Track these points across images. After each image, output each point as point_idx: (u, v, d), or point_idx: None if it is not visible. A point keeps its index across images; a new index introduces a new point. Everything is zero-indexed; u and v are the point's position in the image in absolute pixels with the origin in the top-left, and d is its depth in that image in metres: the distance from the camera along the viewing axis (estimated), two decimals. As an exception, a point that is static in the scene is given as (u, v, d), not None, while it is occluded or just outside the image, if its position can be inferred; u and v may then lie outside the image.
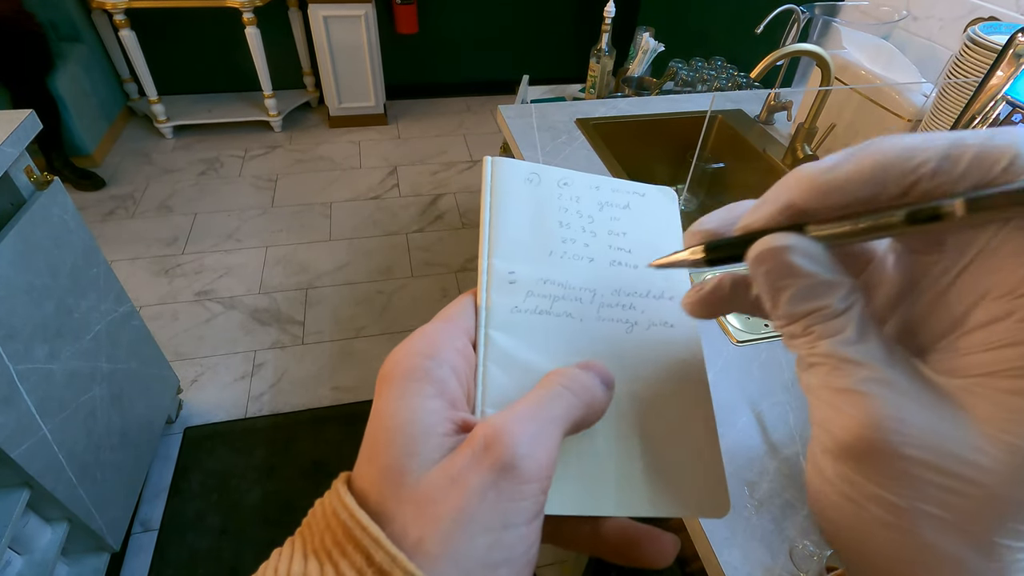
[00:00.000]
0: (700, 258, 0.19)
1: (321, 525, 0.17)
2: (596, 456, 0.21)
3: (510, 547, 0.16)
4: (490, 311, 0.23)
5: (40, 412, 0.97)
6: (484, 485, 0.16)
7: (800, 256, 0.15)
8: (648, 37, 1.59)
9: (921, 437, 0.14)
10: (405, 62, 3.07)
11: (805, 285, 0.16)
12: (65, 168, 2.32)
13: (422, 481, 0.17)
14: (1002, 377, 0.14)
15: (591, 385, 0.20)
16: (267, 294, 2.00)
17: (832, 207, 0.15)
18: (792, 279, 0.16)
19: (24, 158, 1.00)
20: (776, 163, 1.10)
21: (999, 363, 0.14)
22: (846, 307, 0.16)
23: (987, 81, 0.61)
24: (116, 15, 2.37)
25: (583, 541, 0.23)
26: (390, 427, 0.17)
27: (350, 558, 0.16)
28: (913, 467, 0.14)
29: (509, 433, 0.17)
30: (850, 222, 0.15)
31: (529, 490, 0.17)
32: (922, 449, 0.14)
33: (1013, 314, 0.13)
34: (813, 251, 0.16)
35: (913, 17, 1.10)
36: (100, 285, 1.19)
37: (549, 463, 0.17)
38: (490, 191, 0.25)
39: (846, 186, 0.15)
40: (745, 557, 0.52)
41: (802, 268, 0.16)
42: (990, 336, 0.14)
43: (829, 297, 0.16)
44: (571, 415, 0.19)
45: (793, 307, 0.16)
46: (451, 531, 0.16)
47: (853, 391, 0.15)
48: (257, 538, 1.35)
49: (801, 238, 0.16)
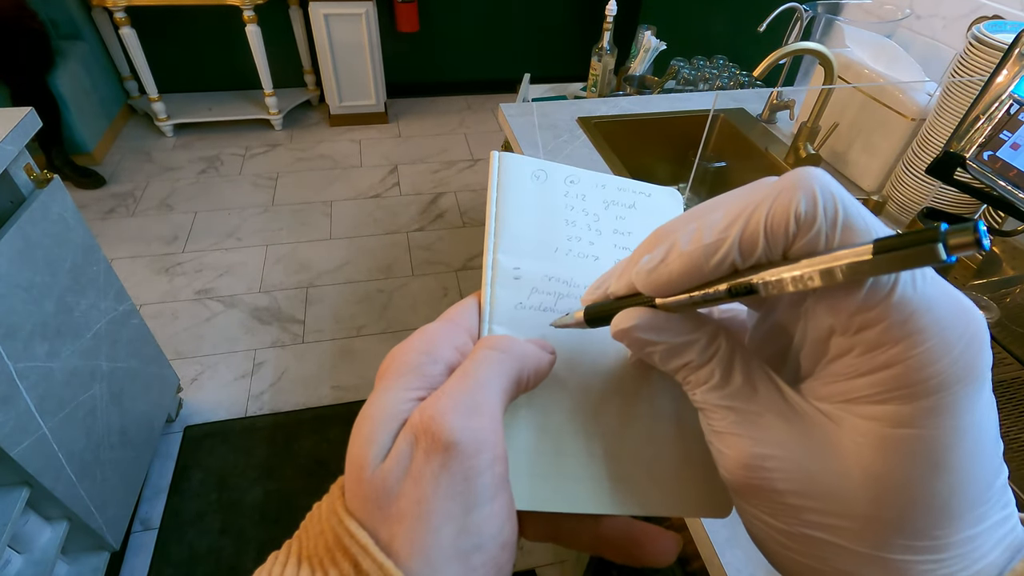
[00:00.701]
0: (583, 321, 0.21)
1: (315, 530, 0.17)
2: (597, 455, 0.21)
3: (477, 531, 0.16)
4: (494, 306, 0.23)
5: (40, 411, 0.97)
6: (435, 472, 0.16)
7: (645, 331, 0.17)
8: (650, 35, 1.59)
9: (790, 470, 0.15)
10: (406, 60, 3.07)
11: (663, 349, 0.17)
12: (65, 166, 2.32)
13: (378, 473, 0.16)
14: (857, 404, 0.15)
15: (514, 340, 0.20)
16: (267, 293, 2.00)
17: (667, 293, 0.17)
18: (651, 347, 0.17)
19: (24, 156, 1.00)
20: (778, 162, 1.09)
21: (853, 391, 0.15)
22: (708, 358, 0.17)
23: (992, 80, 0.61)
24: (116, 13, 2.37)
25: (584, 540, 0.22)
26: (361, 416, 0.18)
27: (339, 566, 0.16)
28: (788, 498, 0.16)
29: (441, 412, 0.17)
30: (688, 296, 0.16)
31: (481, 463, 0.16)
32: (793, 482, 0.15)
33: (854, 349, 0.14)
34: (658, 322, 0.17)
35: (916, 15, 1.10)
36: (100, 283, 1.18)
37: (492, 429, 0.17)
38: (496, 186, 0.25)
39: (669, 284, 0.16)
40: (748, 558, 0.52)
41: (651, 339, 0.17)
42: (843, 368, 0.15)
43: (689, 354, 0.17)
44: (505, 373, 0.19)
45: (664, 365, 0.18)
46: (414, 527, 0.16)
47: (727, 433, 0.17)
48: (257, 537, 1.35)
49: (644, 315, 0.17)
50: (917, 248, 0.12)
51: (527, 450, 0.21)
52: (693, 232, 0.16)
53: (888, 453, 0.14)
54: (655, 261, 0.16)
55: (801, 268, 0.14)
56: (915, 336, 0.14)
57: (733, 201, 0.16)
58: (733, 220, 0.15)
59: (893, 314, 0.14)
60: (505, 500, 0.17)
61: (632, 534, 0.22)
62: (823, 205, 0.14)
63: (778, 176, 0.15)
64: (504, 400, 0.18)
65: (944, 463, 0.14)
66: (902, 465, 0.14)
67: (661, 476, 0.21)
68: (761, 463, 0.16)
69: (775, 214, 0.14)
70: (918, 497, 0.14)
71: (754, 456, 0.16)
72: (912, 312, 0.14)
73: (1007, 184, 0.59)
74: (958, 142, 0.63)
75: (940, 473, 0.14)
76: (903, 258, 0.12)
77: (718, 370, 0.17)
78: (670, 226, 0.17)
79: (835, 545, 0.15)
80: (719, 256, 0.15)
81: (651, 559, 0.22)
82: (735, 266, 0.15)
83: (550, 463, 0.21)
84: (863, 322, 0.14)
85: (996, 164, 0.60)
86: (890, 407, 0.14)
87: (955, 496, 0.14)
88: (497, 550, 0.17)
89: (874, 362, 0.14)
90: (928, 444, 0.14)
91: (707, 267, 0.15)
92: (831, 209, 0.14)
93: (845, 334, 0.14)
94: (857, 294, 0.14)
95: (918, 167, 0.87)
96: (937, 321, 0.14)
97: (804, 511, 0.15)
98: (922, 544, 0.14)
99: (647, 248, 0.18)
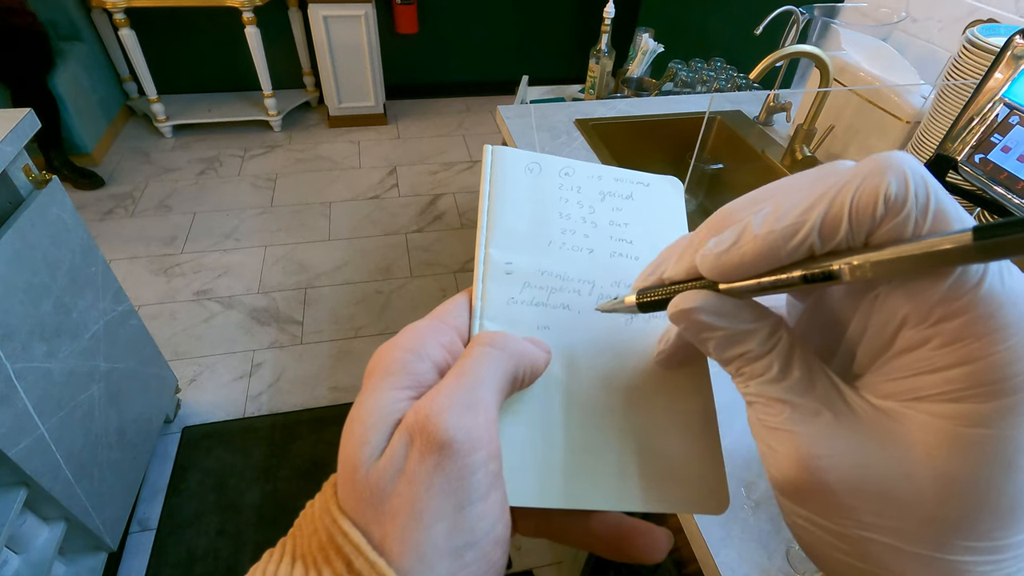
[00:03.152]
0: (635, 305, 0.20)
1: (309, 529, 0.17)
2: (591, 450, 0.21)
3: (470, 529, 0.16)
4: (485, 302, 0.22)
5: (38, 411, 0.97)
6: (428, 471, 0.16)
7: (708, 314, 0.16)
8: (648, 38, 1.59)
9: (849, 469, 0.15)
10: (405, 62, 3.07)
11: (722, 336, 0.17)
12: (64, 167, 2.32)
13: (372, 472, 0.16)
14: (927, 402, 0.14)
15: (511, 337, 0.20)
16: (266, 294, 2.00)
17: (736, 277, 0.16)
18: (709, 332, 0.17)
19: (23, 156, 1.00)
20: (775, 164, 1.10)
21: (923, 389, 0.14)
22: (768, 349, 0.16)
23: (985, 83, 0.61)
24: (116, 14, 2.37)
25: (574, 536, 0.22)
26: (352, 417, 0.18)
27: (332, 565, 0.16)
28: (846, 498, 0.15)
29: (436, 411, 0.17)
30: (756, 282, 0.16)
31: (475, 462, 0.16)
32: (849, 482, 0.15)
33: (930, 341, 0.14)
34: (722, 307, 0.16)
35: (912, 19, 1.10)
36: (98, 284, 1.19)
37: (487, 427, 0.17)
38: (489, 180, 0.25)
39: (741, 267, 0.15)
40: (741, 558, 0.52)
41: (713, 324, 0.16)
42: (912, 362, 0.14)
43: (749, 343, 0.16)
44: (501, 371, 0.19)
45: (719, 354, 0.17)
46: (407, 525, 0.16)
47: (781, 430, 0.16)
48: (255, 538, 1.35)
49: (708, 297, 0.17)
50: (1021, 235, 0.11)
51: (524, 446, 0.21)
52: (769, 213, 0.15)
53: (960, 453, 0.14)
54: (726, 243, 0.16)
55: (891, 253, 0.13)
56: (1000, 332, 0.13)
57: (808, 184, 0.15)
58: (814, 203, 0.14)
59: (980, 307, 0.13)
60: (498, 497, 0.17)
61: (623, 530, 0.22)
62: (915, 189, 0.13)
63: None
64: (500, 397, 0.18)
65: (1016, 464, 0.13)
66: (974, 465, 0.14)
67: (658, 471, 0.21)
68: (817, 462, 0.15)
69: (862, 195, 0.13)
70: (987, 498, 0.14)
71: (810, 455, 0.15)
72: (1000, 306, 0.13)
73: (998, 187, 0.59)
74: (950, 144, 0.63)
75: (1012, 474, 0.13)
76: (1007, 244, 0.12)
77: (777, 362, 0.16)
78: (736, 206, 0.17)
79: (891, 547, 0.15)
80: (798, 239, 0.14)
81: (642, 555, 0.22)
82: (812, 251, 0.14)
83: (550, 459, 0.21)
84: (945, 313, 0.13)
85: (987, 167, 0.60)
86: (965, 405, 0.13)
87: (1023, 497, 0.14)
88: (490, 546, 0.17)
89: (952, 357, 0.13)
90: (1004, 445, 0.13)
91: (784, 251, 0.15)
92: (923, 193, 0.13)
93: (920, 326, 0.14)
94: (942, 283, 0.13)
95: (913, 169, 0.87)
96: (1023, 318, 0.13)
97: (860, 512, 0.15)
98: (983, 545, 0.14)
99: (712, 230, 0.17)
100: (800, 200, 0.15)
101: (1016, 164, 0.59)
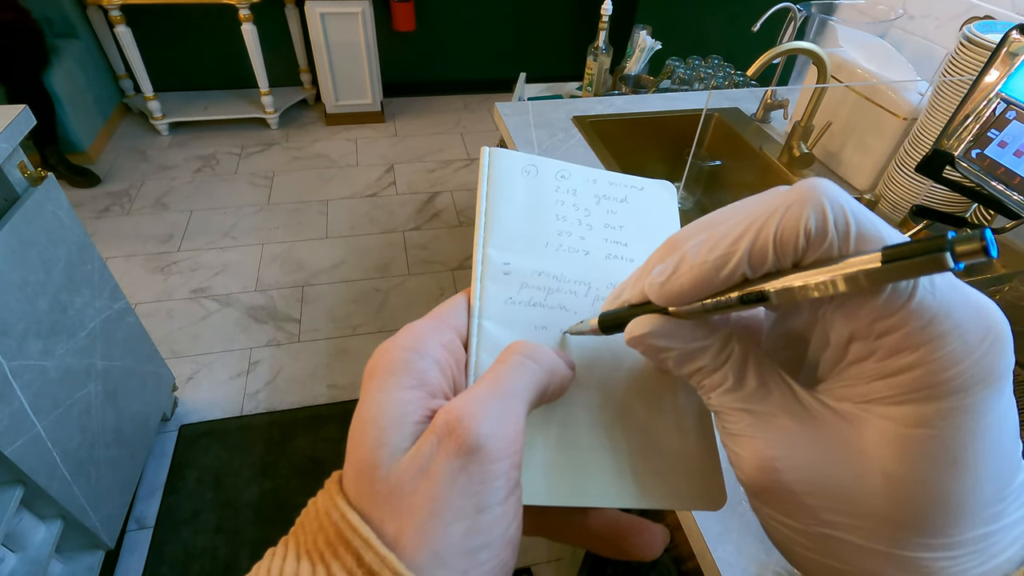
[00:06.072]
0: (597, 328, 0.21)
1: (314, 526, 0.17)
2: (587, 447, 0.21)
3: (487, 530, 0.16)
4: (484, 301, 0.23)
5: (34, 409, 0.97)
6: (453, 471, 0.16)
7: (659, 338, 0.18)
8: (645, 35, 1.59)
9: (806, 470, 0.16)
10: (402, 59, 3.07)
11: (676, 355, 0.18)
12: (60, 164, 2.31)
13: (392, 472, 0.17)
14: (876, 404, 0.15)
15: (545, 351, 0.20)
16: (263, 292, 1.99)
17: (680, 303, 0.17)
18: (664, 353, 0.18)
19: (18, 153, 0.99)
20: (772, 161, 1.10)
21: (872, 393, 0.15)
22: (721, 362, 0.17)
23: (981, 79, 0.61)
24: (112, 11, 2.36)
25: (571, 533, 0.23)
26: (364, 419, 0.18)
27: (341, 559, 0.16)
28: (805, 498, 0.16)
29: (471, 415, 0.17)
30: (700, 304, 0.17)
31: (499, 468, 0.17)
32: (808, 483, 0.16)
33: (874, 353, 0.15)
34: (672, 329, 0.17)
35: (909, 16, 1.10)
36: (95, 282, 1.18)
37: (515, 438, 0.17)
38: (487, 181, 0.25)
39: (681, 295, 0.16)
40: (739, 553, 0.52)
41: (666, 345, 0.18)
42: (863, 371, 0.15)
43: (702, 359, 0.17)
44: (534, 385, 0.19)
45: (678, 371, 0.18)
46: (425, 522, 0.16)
47: (743, 436, 0.17)
48: (252, 536, 1.35)
49: (657, 322, 0.18)
50: (924, 257, 0.12)
51: (535, 443, 0.21)
52: (702, 243, 0.16)
53: (905, 452, 0.14)
54: (666, 273, 0.17)
55: (811, 277, 0.14)
56: (935, 341, 0.14)
57: (743, 213, 0.16)
58: (742, 234, 0.15)
59: (913, 320, 0.14)
60: (515, 501, 0.17)
61: (620, 527, 0.22)
62: (833, 219, 0.14)
63: (788, 184, 0.15)
64: (529, 409, 0.19)
65: (961, 462, 0.14)
66: (919, 464, 0.14)
67: (654, 468, 0.21)
68: (775, 464, 0.16)
69: (784, 229, 0.14)
70: (935, 496, 0.14)
71: (769, 457, 0.16)
72: (932, 317, 0.14)
73: (995, 182, 0.59)
74: (947, 140, 0.63)
75: (957, 472, 0.14)
76: (911, 267, 0.12)
77: (731, 373, 0.17)
78: (682, 235, 0.18)
79: (852, 544, 0.15)
80: (728, 269, 0.15)
81: (638, 552, 0.22)
82: (745, 277, 0.15)
83: (549, 458, 0.21)
84: (883, 328, 0.14)
85: (984, 162, 0.61)
86: (908, 408, 0.14)
87: (972, 494, 0.14)
88: (503, 548, 0.17)
89: (894, 366, 0.14)
90: (946, 444, 0.14)
91: (717, 279, 0.15)
92: (842, 222, 0.14)
93: (864, 340, 0.15)
94: (875, 300, 0.14)
95: (910, 166, 0.88)
96: (957, 325, 0.14)
97: (820, 511, 0.16)
98: (938, 542, 0.15)
99: (660, 257, 0.18)
100: (730, 230, 0.15)
101: (1013, 159, 0.59)
